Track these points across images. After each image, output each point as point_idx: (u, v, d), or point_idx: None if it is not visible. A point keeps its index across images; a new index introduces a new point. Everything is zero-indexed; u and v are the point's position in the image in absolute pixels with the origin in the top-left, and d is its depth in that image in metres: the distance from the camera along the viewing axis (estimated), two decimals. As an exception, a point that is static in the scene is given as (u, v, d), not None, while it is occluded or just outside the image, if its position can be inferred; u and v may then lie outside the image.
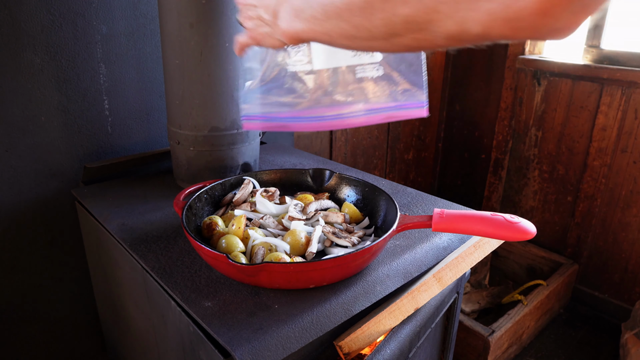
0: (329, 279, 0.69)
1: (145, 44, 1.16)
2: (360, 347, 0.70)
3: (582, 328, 1.92)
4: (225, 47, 0.92)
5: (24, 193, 1.07)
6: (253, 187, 0.91)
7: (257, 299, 0.67)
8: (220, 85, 0.94)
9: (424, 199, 1.02)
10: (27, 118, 1.02)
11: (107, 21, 1.08)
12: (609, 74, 1.77)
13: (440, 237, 0.87)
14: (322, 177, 0.96)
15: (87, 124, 1.11)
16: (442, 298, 0.92)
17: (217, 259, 0.65)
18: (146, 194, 1.03)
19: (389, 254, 0.80)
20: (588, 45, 1.88)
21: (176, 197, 0.82)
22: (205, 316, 0.63)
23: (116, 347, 1.15)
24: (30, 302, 1.14)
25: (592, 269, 2.01)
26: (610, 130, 1.84)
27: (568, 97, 1.94)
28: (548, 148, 2.05)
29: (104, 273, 1.02)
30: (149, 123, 1.22)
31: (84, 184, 1.09)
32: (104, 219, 0.91)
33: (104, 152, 1.16)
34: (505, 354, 1.68)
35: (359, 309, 0.69)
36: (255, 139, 1.06)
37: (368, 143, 2.10)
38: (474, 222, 0.70)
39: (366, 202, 0.89)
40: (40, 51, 1.00)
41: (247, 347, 0.58)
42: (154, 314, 0.80)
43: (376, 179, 1.12)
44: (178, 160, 1.04)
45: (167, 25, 0.92)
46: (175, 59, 0.93)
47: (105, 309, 1.13)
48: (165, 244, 0.81)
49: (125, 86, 1.15)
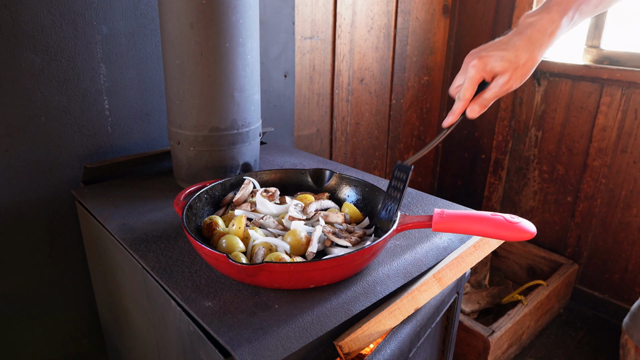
0: (329, 279, 0.69)
1: (146, 44, 1.16)
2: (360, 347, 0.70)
3: (582, 328, 1.92)
4: (225, 47, 0.92)
5: (24, 193, 1.07)
6: (253, 187, 0.91)
7: (257, 298, 0.67)
8: (220, 85, 0.94)
9: (424, 199, 1.02)
10: (27, 118, 1.02)
11: (107, 21, 1.08)
12: (609, 74, 1.77)
13: (440, 237, 0.87)
14: (322, 177, 0.96)
15: (87, 124, 1.11)
16: (442, 298, 0.92)
17: (218, 259, 0.65)
18: (146, 194, 1.03)
19: (389, 254, 0.80)
20: (588, 45, 1.88)
21: (176, 197, 0.82)
22: (206, 316, 0.63)
23: (116, 347, 1.15)
24: (30, 302, 1.14)
25: (592, 269, 2.01)
26: (610, 130, 1.84)
27: (568, 97, 1.94)
28: (548, 148, 2.05)
29: (104, 273, 1.02)
30: (149, 123, 1.22)
31: (84, 184, 1.09)
32: (104, 219, 0.91)
33: (104, 152, 1.16)
34: (505, 354, 1.68)
35: (359, 309, 0.69)
36: (255, 139, 1.06)
37: (368, 143, 2.10)
38: (474, 222, 0.70)
39: (366, 202, 0.89)
40: (40, 51, 1.00)
41: (248, 347, 0.58)
42: (154, 313, 0.80)
43: (376, 179, 1.12)
44: (178, 160, 1.04)
45: (167, 25, 0.92)
46: (176, 59, 0.93)
47: (105, 309, 1.13)
48: (165, 244, 0.81)
49: (125, 86, 1.15)
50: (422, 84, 2.25)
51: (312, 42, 1.70)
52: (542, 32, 0.72)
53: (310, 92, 1.75)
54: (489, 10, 2.14)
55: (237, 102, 0.98)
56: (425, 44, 2.18)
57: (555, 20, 0.72)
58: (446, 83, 2.36)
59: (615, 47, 1.82)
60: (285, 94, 1.54)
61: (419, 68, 2.20)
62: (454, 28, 2.27)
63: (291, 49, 1.50)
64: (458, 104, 0.74)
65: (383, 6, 1.90)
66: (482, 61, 0.71)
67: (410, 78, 2.17)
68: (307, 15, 1.65)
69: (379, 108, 2.08)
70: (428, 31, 2.17)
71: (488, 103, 0.74)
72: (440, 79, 2.35)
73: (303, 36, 1.66)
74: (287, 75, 1.52)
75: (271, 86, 1.49)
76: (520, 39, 0.71)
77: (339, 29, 1.77)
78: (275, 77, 1.49)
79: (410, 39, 2.09)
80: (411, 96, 2.22)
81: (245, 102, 0.99)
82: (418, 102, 2.27)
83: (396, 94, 2.13)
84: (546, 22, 0.72)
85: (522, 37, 0.71)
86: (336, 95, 1.85)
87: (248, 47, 0.96)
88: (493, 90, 0.73)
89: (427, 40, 2.18)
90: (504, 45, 0.72)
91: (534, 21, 0.72)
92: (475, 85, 0.73)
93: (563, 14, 0.72)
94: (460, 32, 2.26)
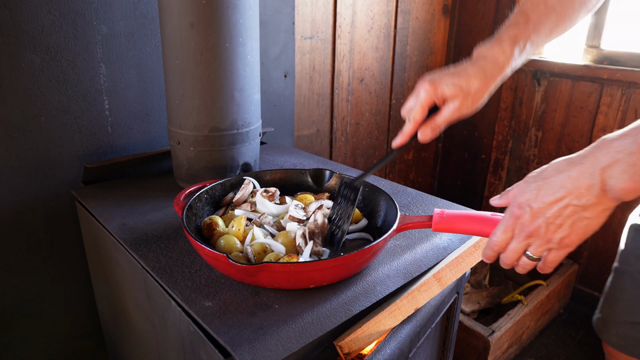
0: (329, 279, 0.69)
1: (146, 44, 1.16)
2: (360, 347, 0.70)
3: (582, 328, 1.92)
4: (225, 47, 0.92)
5: (24, 193, 1.07)
6: (253, 187, 0.91)
7: (257, 298, 0.67)
8: (220, 85, 0.94)
9: (424, 199, 1.02)
10: (27, 118, 1.02)
11: (107, 21, 1.08)
12: (609, 74, 1.77)
13: (440, 237, 0.87)
14: (322, 177, 0.96)
15: (87, 124, 1.11)
16: (442, 298, 0.92)
17: (218, 259, 0.65)
18: (146, 194, 1.03)
19: (389, 254, 0.80)
20: (588, 45, 1.88)
21: (176, 197, 0.82)
22: (206, 316, 0.63)
23: (116, 347, 1.15)
24: (30, 302, 1.14)
25: (592, 269, 2.01)
26: (610, 130, 1.84)
27: (568, 98, 1.94)
28: (548, 148, 2.05)
29: (104, 273, 1.02)
30: (149, 123, 1.22)
31: (84, 184, 1.09)
32: (104, 219, 0.91)
33: (104, 152, 1.16)
34: (505, 354, 1.68)
35: (359, 309, 0.69)
36: (255, 139, 1.06)
37: (368, 143, 2.10)
38: (474, 222, 0.70)
39: (366, 202, 0.89)
40: (40, 51, 1.00)
41: (248, 347, 0.58)
42: (154, 313, 0.80)
43: (376, 179, 1.12)
44: (178, 160, 1.04)
45: (167, 25, 0.92)
46: (176, 59, 0.93)
47: (105, 309, 1.13)
48: (165, 244, 0.81)
49: (125, 86, 1.15)
50: (422, 84, 2.25)
51: (312, 42, 1.70)
52: (494, 63, 0.73)
53: (310, 92, 1.75)
54: (489, 10, 2.14)
55: (237, 102, 0.98)
56: (425, 44, 2.18)
57: (506, 52, 0.74)
58: (446, 83, 2.36)
59: (615, 47, 1.82)
60: (285, 94, 1.54)
61: (419, 68, 2.20)
62: (454, 28, 2.27)
63: (291, 49, 1.50)
64: (408, 125, 0.75)
65: (383, 6, 1.90)
66: (433, 86, 0.72)
67: (410, 78, 2.17)
68: (307, 15, 1.65)
69: (379, 108, 2.08)
70: (428, 31, 2.17)
71: (439, 127, 0.75)
72: (440, 79, 2.35)
73: (303, 36, 1.66)
74: (287, 75, 1.52)
75: (271, 86, 1.49)
76: (474, 68, 0.73)
77: (339, 29, 1.77)
78: (275, 77, 1.49)
79: (410, 39, 2.09)
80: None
81: (245, 102, 0.99)
82: (418, 102, 2.27)
83: (396, 94, 2.13)
84: (498, 53, 0.74)
85: (475, 67, 0.73)
86: (336, 95, 1.85)
87: (248, 47, 0.96)
88: (444, 116, 0.74)
89: (427, 40, 2.18)
90: (457, 73, 0.73)
91: (487, 53, 0.74)
92: (427, 108, 0.74)
93: (514, 45, 0.74)
94: (460, 32, 2.26)
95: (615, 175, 0.52)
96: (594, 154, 0.55)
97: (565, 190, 0.56)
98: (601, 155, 0.53)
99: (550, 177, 0.58)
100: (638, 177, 0.51)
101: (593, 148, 0.55)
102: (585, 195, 0.55)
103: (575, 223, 0.57)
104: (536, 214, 0.58)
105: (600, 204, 0.55)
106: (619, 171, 0.52)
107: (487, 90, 0.74)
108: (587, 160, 0.55)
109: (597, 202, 0.55)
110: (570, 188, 0.55)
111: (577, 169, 0.55)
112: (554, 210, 0.57)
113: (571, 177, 0.55)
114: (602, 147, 0.54)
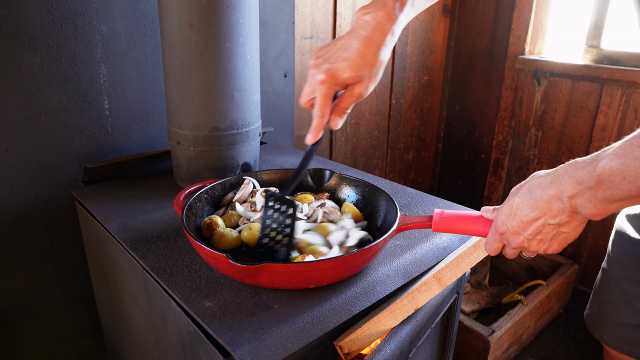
0: (329, 279, 0.69)
1: (145, 44, 1.16)
2: (360, 347, 0.70)
3: (582, 328, 1.92)
4: (225, 47, 0.92)
5: (24, 193, 1.07)
6: (253, 187, 0.91)
7: (257, 299, 0.67)
8: (220, 85, 0.94)
9: (424, 199, 1.02)
10: (27, 118, 1.02)
11: (107, 21, 1.08)
12: (609, 74, 1.77)
13: (440, 237, 0.87)
14: (322, 177, 0.96)
15: (87, 124, 1.11)
16: (442, 298, 0.92)
17: (217, 259, 0.65)
18: (146, 194, 1.03)
19: (389, 254, 0.80)
20: (588, 45, 1.88)
21: (176, 197, 0.82)
22: (205, 316, 0.63)
23: (116, 347, 1.15)
24: (30, 302, 1.14)
25: (592, 269, 2.00)
26: (610, 130, 1.84)
27: (568, 97, 1.94)
28: (548, 148, 2.05)
29: (104, 273, 1.02)
30: (149, 123, 1.22)
31: (84, 184, 1.09)
32: (104, 219, 0.91)
33: (104, 152, 1.16)
34: (505, 354, 1.68)
35: (359, 309, 0.69)
36: (255, 139, 1.06)
37: (368, 143, 2.10)
38: (474, 222, 0.70)
39: (366, 202, 0.89)
40: (40, 51, 1.00)
41: (247, 347, 0.58)
42: (154, 314, 0.80)
43: (376, 179, 1.12)
44: (178, 160, 1.04)
45: (167, 25, 0.92)
46: (176, 59, 0.93)
47: (105, 309, 1.13)
48: (165, 244, 0.81)
49: (125, 86, 1.15)
50: (422, 83, 2.26)
51: (312, 42, 1.70)
52: (381, 32, 0.69)
53: (310, 92, 1.75)
54: (489, 10, 2.14)
55: (237, 102, 0.98)
56: (425, 44, 2.18)
57: (392, 18, 0.69)
58: (446, 83, 2.36)
59: (615, 47, 1.82)
60: (285, 94, 1.54)
61: (419, 68, 2.20)
62: (454, 28, 2.27)
63: (291, 49, 1.50)
64: (317, 120, 0.73)
65: (383, 6, 1.89)
66: (330, 75, 0.69)
67: (410, 78, 2.17)
68: (307, 15, 1.65)
69: (379, 108, 2.08)
70: (428, 31, 2.17)
71: (346, 111, 0.74)
72: (440, 79, 2.35)
73: (303, 36, 1.66)
74: (287, 75, 1.52)
75: (271, 86, 1.49)
76: (361, 42, 0.69)
77: (339, 29, 1.77)
78: (275, 77, 1.49)
79: (410, 39, 2.09)
80: (411, 96, 2.22)
81: (245, 102, 0.99)
82: (418, 102, 2.27)
83: (396, 94, 2.13)
84: (384, 20, 0.69)
85: (363, 40, 0.69)
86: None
87: (248, 47, 0.96)
88: (350, 99, 0.72)
89: (427, 40, 2.18)
90: (346, 53, 0.69)
91: (371, 19, 0.69)
92: (330, 100, 0.72)
93: (400, 10, 0.70)
94: (460, 32, 2.26)
95: (581, 203, 0.55)
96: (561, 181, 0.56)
97: (540, 211, 0.59)
98: (567, 184, 0.56)
99: (526, 196, 0.61)
100: (601, 205, 0.53)
101: (563, 172, 0.57)
102: (558, 215, 0.58)
103: (555, 237, 0.61)
104: (517, 232, 0.62)
105: (574, 221, 0.58)
106: (584, 200, 0.54)
107: (384, 63, 0.71)
108: (556, 187, 0.57)
109: (571, 220, 0.58)
110: (544, 209, 0.58)
111: (547, 194, 0.58)
112: (532, 228, 0.61)
113: (543, 199, 0.58)
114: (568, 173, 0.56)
